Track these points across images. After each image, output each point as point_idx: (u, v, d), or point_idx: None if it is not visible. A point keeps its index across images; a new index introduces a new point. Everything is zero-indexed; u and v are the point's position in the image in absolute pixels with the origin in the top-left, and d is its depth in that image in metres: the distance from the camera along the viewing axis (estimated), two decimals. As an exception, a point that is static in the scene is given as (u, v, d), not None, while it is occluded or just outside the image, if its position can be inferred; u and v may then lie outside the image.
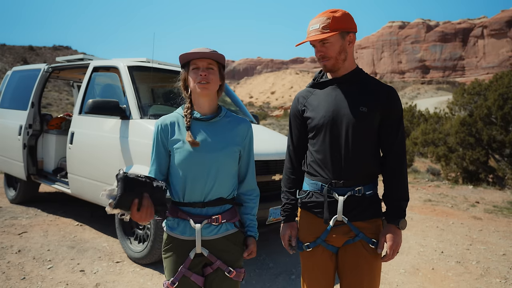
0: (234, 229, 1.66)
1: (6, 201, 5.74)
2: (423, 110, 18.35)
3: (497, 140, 10.40)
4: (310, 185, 1.71)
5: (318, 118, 1.66)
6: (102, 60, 4.63)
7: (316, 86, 1.77)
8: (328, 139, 1.64)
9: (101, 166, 3.97)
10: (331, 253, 1.70)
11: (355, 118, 1.61)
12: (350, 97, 1.65)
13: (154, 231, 3.36)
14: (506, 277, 3.61)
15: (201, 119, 1.63)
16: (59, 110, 26.82)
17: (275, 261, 3.78)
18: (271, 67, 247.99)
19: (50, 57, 61.03)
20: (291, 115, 1.83)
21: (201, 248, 1.59)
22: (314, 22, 1.63)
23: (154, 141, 1.65)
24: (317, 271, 1.71)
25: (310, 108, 1.72)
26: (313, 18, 1.66)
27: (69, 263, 3.53)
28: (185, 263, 1.59)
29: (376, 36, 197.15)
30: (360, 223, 1.65)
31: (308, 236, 1.72)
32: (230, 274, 1.62)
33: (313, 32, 1.62)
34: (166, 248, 1.65)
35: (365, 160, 1.64)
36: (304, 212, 1.75)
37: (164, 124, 1.64)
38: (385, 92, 1.65)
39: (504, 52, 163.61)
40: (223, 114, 1.68)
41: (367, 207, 1.65)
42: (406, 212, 1.67)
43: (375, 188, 1.70)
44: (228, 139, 1.64)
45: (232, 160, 1.64)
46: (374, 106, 1.62)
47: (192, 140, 1.56)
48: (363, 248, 1.64)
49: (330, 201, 1.64)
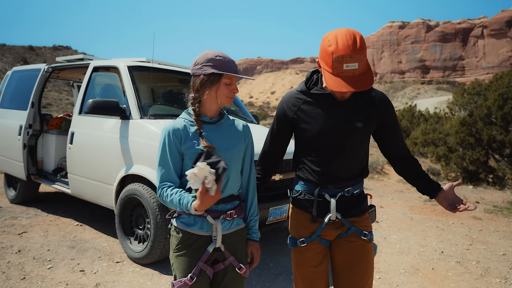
0: (242, 224, 1.74)
1: (6, 201, 5.74)
2: (423, 110, 18.36)
3: (497, 140, 10.40)
4: (302, 186, 1.78)
5: (313, 131, 1.68)
6: (102, 60, 4.63)
7: (307, 94, 1.70)
8: (322, 151, 1.69)
9: (101, 166, 3.98)
10: (324, 247, 1.76)
11: (351, 134, 1.66)
12: (346, 111, 1.65)
13: (154, 231, 3.36)
14: (506, 277, 3.61)
15: (209, 123, 1.68)
16: (59, 110, 26.82)
17: (275, 261, 3.78)
18: (271, 67, 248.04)
19: (50, 57, 61.03)
20: (276, 119, 1.79)
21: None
22: (351, 54, 1.41)
23: (166, 145, 1.62)
24: (311, 265, 1.75)
25: (304, 118, 1.69)
26: (343, 39, 1.43)
27: (69, 263, 3.53)
28: (203, 256, 1.62)
29: (376, 36, 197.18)
30: (352, 218, 1.74)
31: (303, 231, 1.76)
32: (241, 270, 1.68)
33: (352, 71, 1.44)
34: (181, 246, 1.64)
35: (357, 165, 1.73)
36: (297, 209, 1.80)
37: (175, 129, 1.63)
38: (379, 102, 1.68)
39: (504, 52, 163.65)
40: (226, 116, 1.76)
41: (356, 204, 1.75)
42: None
43: (361, 186, 1.79)
44: (234, 139, 1.71)
45: (239, 158, 1.72)
46: (370, 121, 1.67)
47: (208, 144, 1.60)
48: (356, 239, 1.73)
49: (320, 201, 1.71)
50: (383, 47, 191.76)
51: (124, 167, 3.66)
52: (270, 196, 3.53)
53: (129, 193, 3.58)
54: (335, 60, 1.44)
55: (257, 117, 5.22)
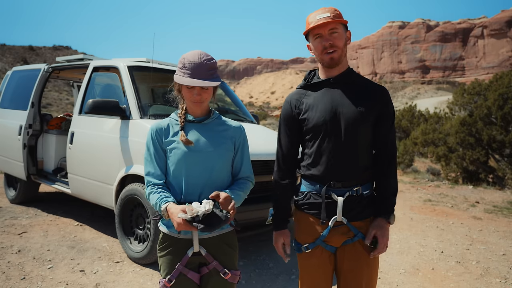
0: (228, 228, 1.69)
1: (6, 201, 5.74)
2: (423, 110, 18.35)
3: (497, 140, 10.39)
4: (308, 187, 1.70)
5: (316, 118, 1.65)
6: (102, 60, 4.63)
7: (308, 87, 1.74)
8: (327, 139, 1.63)
9: (101, 166, 3.97)
10: (330, 253, 1.70)
11: (354, 118, 1.61)
12: (346, 97, 1.65)
13: (154, 231, 3.36)
14: (506, 277, 3.61)
15: (194, 121, 1.69)
16: (59, 110, 26.83)
17: (275, 261, 3.78)
18: (271, 67, 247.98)
19: (50, 57, 61.03)
20: (282, 119, 1.78)
21: (199, 246, 1.62)
22: (322, 12, 1.62)
23: (150, 145, 1.68)
24: (316, 271, 1.71)
25: (306, 109, 1.69)
26: (317, 10, 1.66)
27: (69, 263, 3.53)
28: (182, 260, 1.62)
29: (376, 36, 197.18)
30: (359, 223, 1.66)
31: (307, 237, 1.71)
32: (225, 276, 1.63)
33: (325, 19, 1.60)
34: (162, 247, 1.67)
35: (363, 160, 1.66)
36: (302, 213, 1.73)
37: (158, 128, 1.68)
38: (379, 92, 1.68)
39: (504, 52, 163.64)
40: (215, 116, 1.74)
41: (365, 206, 1.67)
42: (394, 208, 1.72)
43: (372, 187, 1.72)
44: (220, 139, 1.68)
45: (225, 159, 1.68)
46: (371, 106, 1.64)
47: (186, 139, 1.61)
48: (362, 248, 1.66)
49: (328, 202, 1.63)
50: (383, 47, 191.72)
51: (124, 167, 3.66)
52: (270, 196, 3.52)
53: (129, 193, 3.58)
54: (310, 17, 1.65)
55: (257, 117, 5.21)
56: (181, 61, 1.62)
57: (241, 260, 3.75)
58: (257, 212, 3.41)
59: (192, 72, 1.57)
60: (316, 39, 1.64)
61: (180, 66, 1.62)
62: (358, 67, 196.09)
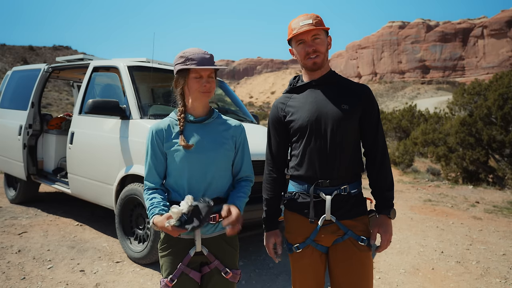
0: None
1: (6, 201, 5.74)
2: (423, 110, 18.37)
3: (497, 140, 10.39)
4: (296, 187, 1.73)
5: (301, 119, 1.68)
6: (102, 60, 4.63)
7: (293, 91, 1.79)
8: (313, 138, 1.66)
9: (101, 166, 3.98)
10: (321, 253, 1.71)
11: (339, 116, 1.65)
12: (330, 97, 1.69)
13: (154, 231, 3.36)
14: (506, 277, 3.61)
15: (195, 122, 1.67)
16: (59, 110, 26.84)
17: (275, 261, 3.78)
18: (271, 67, 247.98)
19: (50, 57, 61.05)
20: (270, 123, 1.82)
21: (201, 246, 1.62)
22: (305, 19, 1.68)
23: (149, 146, 1.67)
24: (307, 272, 1.71)
25: (291, 111, 1.73)
26: (299, 17, 1.71)
27: (69, 263, 3.53)
28: (184, 260, 1.62)
29: (376, 36, 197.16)
30: (348, 221, 1.67)
31: (297, 237, 1.72)
32: (227, 275, 1.64)
33: (308, 26, 1.65)
34: (164, 246, 1.67)
35: (350, 158, 1.69)
36: (291, 213, 1.75)
37: (158, 129, 1.67)
38: (362, 91, 1.72)
39: (504, 52, 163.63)
40: (216, 115, 1.73)
41: (353, 205, 1.69)
42: (394, 202, 1.74)
43: (359, 186, 1.74)
44: (221, 139, 1.68)
45: (226, 160, 1.68)
46: (355, 104, 1.68)
47: (186, 144, 1.61)
48: (353, 246, 1.66)
49: (316, 201, 1.66)
50: (383, 47, 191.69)
51: (124, 167, 3.66)
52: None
53: (129, 193, 3.58)
54: (293, 23, 1.69)
55: (257, 117, 5.22)
56: (182, 55, 1.62)
57: (241, 260, 3.75)
58: (257, 212, 3.40)
59: (198, 61, 1.59)
60: (299, 44, 1.70)
61: (181, 60, 1.61)
62: (358, 67, 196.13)
